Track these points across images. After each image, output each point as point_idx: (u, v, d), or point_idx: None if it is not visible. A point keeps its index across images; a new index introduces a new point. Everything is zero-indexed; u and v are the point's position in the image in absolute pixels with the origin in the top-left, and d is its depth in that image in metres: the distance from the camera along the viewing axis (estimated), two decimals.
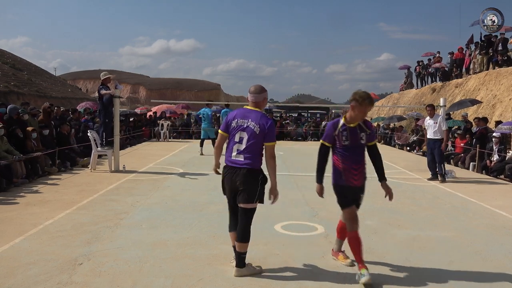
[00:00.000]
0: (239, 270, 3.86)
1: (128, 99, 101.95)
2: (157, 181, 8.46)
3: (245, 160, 3.78)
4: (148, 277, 3.76)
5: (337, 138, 3.89)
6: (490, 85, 18.26)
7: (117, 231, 5.09)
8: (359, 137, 3.87)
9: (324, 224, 5.57)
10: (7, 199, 6.67)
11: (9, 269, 3.87)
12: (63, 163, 9.79)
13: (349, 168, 3.88)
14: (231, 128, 3.86)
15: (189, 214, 5.97)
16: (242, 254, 3.88)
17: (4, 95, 34.31)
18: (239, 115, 3.86)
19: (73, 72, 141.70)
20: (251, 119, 3.79)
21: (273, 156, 3.82)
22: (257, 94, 3.88)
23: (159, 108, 23.31)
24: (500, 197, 7.70)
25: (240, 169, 3.78)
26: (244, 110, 3.89)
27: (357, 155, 3.89)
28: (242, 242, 3.84)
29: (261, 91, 3.89)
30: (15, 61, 53.02)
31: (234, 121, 3.85)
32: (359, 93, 3.80)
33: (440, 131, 9.17)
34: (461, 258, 4.45)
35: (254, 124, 3.76)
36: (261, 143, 3.80)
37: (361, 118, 3.85)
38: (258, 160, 3.84)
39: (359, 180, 3.92)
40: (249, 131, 3.77)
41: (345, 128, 3.87)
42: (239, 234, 3.85)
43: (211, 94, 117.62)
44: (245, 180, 3.77)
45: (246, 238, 3.85)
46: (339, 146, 3.90)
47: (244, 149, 3.78)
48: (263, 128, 3.75)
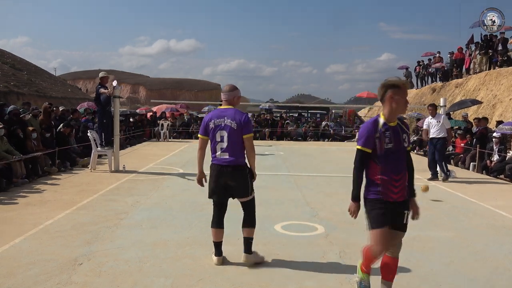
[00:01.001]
0: (248, 256, 4.12)
1: (128, 99, 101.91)
2: (157, 181, 8.46)
3: (230, 158, 3.97)
4: (148, 277, 3.76)
5: (379, 141, 3.12)
6: (490, 85, 18.26)
7: (117, 231, 5.09)
8: (401, 138, 3.18)
9: (324, 224, 5.57)
10: (7, 199, 6.67)
11: (9, 269, 3.87)
12: (63, 163, 9.79)
13: (389, 179, 3.13)
14: (210, 130, 4.02)
15: (189, 214, 5.96)
16: (250, 240, 4.14)
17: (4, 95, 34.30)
18: (214, 116, 4.02)
19: (73, 72, 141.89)
20: (226, 117, 3.95)
21: (252, 147, 4.03)
22: (229, 92, 4.05)
23: (159, 108, 23.29)
24: (500, 197, 7.70)
25: (227, 167, 3.98)
26: (218, 111, 4.06)
27: (400, 162, 3.17)
28: (251, 227, 4.14)
29: (232, 90, 4.07)
30: (15, 61, 53.01)
31: (211, 122, 4.01)
32: (391, 79, 3.17)
33: (443, 129, 9.20)
34: (461, 258, 4.45)
35: (230, 121, 3.94)
36: (241, 138, 3.96)
37: (402, 110, 3.17)
38: (241, 155, 4.02)
39: (400, 193, 3.17)
40: (227, 128, 3.94)
41: (387, 128, 3.14)
42: (247, 221, 4.15)
43: (211, 94, 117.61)
44: (234, 177, 4.00)
45: (254, 223, 4.18)
46: (379, 152, 3.12)
47: (227, 146, 3.96)
48: (240, 123, 3.92)
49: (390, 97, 3.11)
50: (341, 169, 10.80)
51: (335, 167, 11.22)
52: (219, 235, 4.18)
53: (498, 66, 18.67)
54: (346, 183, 8.50)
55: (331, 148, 16.78)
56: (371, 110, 34.39)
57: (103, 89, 9.45)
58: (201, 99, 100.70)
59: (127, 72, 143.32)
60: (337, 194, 7.53)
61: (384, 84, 3.15)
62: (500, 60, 18.70)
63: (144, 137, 18.67)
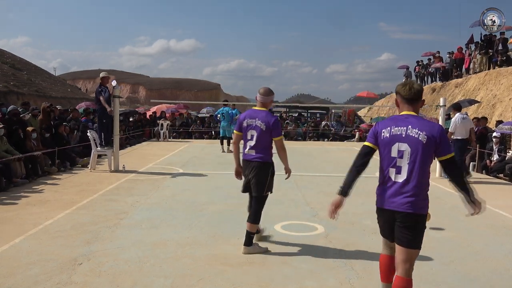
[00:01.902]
0: (246, 248, 4.38)
1: (128, 99, 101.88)
2: (157, 181, 8.45)
3: (256, 155, 4.37)
4: (148, 277, 3.76)
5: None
6: (490, 85, 18.27)
7: (117, 231, 5.09)
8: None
9: (324, 224, 5.57)
10: (7, 199, 6.67)
11: (9, 269, 3.87)
12: (63, 163, 9.78)
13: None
14: (243, 128, 4.44)
15: (189, 214, 5.96)
16: (251, 234, 4.40)
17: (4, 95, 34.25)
18: (248, 116, 4.43)
19: (73, 72, 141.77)
20: (258, 118, 4.35)
21: (283, 148, 4.41)
22: (265, 96, 4.43)
23: (158, 108, 23.26)
24: (500, 197, 7.70)
25: (252, 162, 4.39)
26: (252, 111, 4.46)
27: None
28: (252, 223, 4.38)
29: (269, 94, 4.45)
30: (14, 61, 52.96)
31: (244, 121, 4.42)
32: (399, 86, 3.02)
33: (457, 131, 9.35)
34: (461, 258, 4.45)
35: (260, 123, 4.32)
36: (269, 138, 4.34)
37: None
38: (267, 154, 4.38)
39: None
40: (257, 129, 4.34)
41: None
42: (250, 216, 4.41)
43: (211, 94, 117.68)
44: (256, 173, 4.37)
45: (256, 220, 4.39)
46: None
47: (254, 145, 4.36)
48: (268, 125, 4.30)
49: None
50: (341, 169, 10.79)
51: (335, 167, 11.22)
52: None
53: (498, 66, 18.67)
54: None
55: (331, 148, 16.78)
56: (371, 110, 34.41)
57: (102, 98, 9.42)
58: (201, 99, 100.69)
59: (127, 72, 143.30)
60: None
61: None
62: (500, 60, 18.71)
63: (144, 137, 18.66)
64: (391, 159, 2.92)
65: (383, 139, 2.95)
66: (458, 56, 22.42)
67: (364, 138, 19.97)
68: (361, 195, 7.42)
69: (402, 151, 2.86)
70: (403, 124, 2.88)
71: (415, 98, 2.94)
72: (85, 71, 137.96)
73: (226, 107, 14.17)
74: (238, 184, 4.77)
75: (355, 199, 7.17)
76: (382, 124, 3.00)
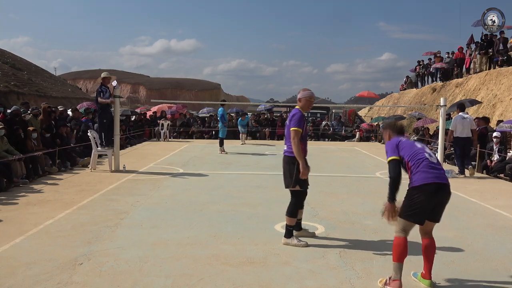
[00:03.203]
0: (283, 239, 4.66)
1: (128, 99, 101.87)
2: (157, 181, 8.46)
3: (286, 149, 4.68)
4: (148, 277, 3.77)
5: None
6: (491, 85, 18.26)
7: (117, 231, 5.09)
8: None
9: (324, 224, 5.57)
10: (7, 199, 6.68)
11: (10, 269, 3.87)
12: (63, 163, 9.79)
13: None
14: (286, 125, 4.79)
15: (189, 214, 5.97)
16: (288, 227, 4.65)
17: (4, 95, 34.28)
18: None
19: (73, 71, 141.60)
20: (289, 113, 4.76)
21: (294, 140, 4.50)
22: (298, 94, 4.76)
23: (159, 108, 23.25)
24: (500, 197, 7.70)
25: (283, 157, 4.70)
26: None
27: None
28: (287, 216, 4.64)
29: (299, 92, 4.76)
30: (15, 61, 52.96)
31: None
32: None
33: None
34: (461, 258, 4.45)
35: (289, 118, 4.65)
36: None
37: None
38: (291, 147, 4.54)
39: None
40: (286, 124, 4.68)
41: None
42: (287, 209, 4.66)
43: (212, 94, 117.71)
44: (283, 166, 4.66)
45: (291, 213, 4.62)
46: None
47: (285, 139, 4.73)
48: (290, 118, 4.61)
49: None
50: (341, 169, 10.81)
51: (335, 167, 11.22)
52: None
53: (499, 66, 18.66)
54: (346, 183, 8.56)
55: (331, 148, 16.77)
56: (371, 110, 34.40)
57: (102, 99, 9.47)
58: (201, 99, 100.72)
59: (127, 72, 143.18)
60: (337, 194, 7.53)
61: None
62: (500, 59, 18.70)
63: (144, 137, 18.67)
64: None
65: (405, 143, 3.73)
66: (458, 56, 22.41)
67: (364, 138, 20.00)
68: (361, 195, 7.43)
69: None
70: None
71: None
72: (86, 71, 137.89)
73: (221, 107, 14.18)
74: (238, 184, 4.78)
75: (356, 199, 7.18)
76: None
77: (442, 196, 3.57)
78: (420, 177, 3.51)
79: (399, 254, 3.55)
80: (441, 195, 3.55)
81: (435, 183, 3.47)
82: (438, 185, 3.49)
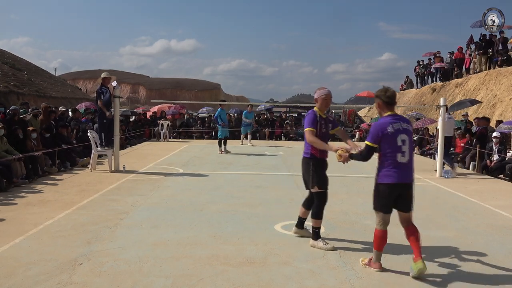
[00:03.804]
0: (311, 241, 4.63)
1: (128, 99, 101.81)
2: (157, 181, 8.46)
3: (304, 150, 4.67)
4: (148, 277, 3.76)
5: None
6: (490, 85, 18.26)
7: (117, 231, 5.09)
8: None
9: (324, 224, 5.55)
10: (7, 199, 6.67)
11: (9, 269, 3.87)
12: (63, 163, 9.79)
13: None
14: None
15: (189, 214, 5.97)
16: (315, 229, 4.63)
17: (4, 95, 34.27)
18: None
19: (73, 72, 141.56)
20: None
21: (309, 140, 4.53)
22: (315, 93, 4.72)
23: (159, 108, 23.24)
24: (500, 197, 7.70)
25: (301, 159, 4.71)
26: None
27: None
28: (313, 218, 4.63)
29: (316, 91, 4.71)
30: (15, 61, 52.95)
31: None
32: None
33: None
34: (461, 258, 4.45)
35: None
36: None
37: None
38: (307, 148, 4.61)
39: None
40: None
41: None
42: (312, 212, 4.65)
43: (211, 94, 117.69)
44: (302, 168, 4.68)
45: (316, 215, 4.60)
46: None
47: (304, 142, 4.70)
48: (304, 122, 4.64)
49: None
50: (341, 169, 10.79)
51: (335, 167, 11.19)
52: (301, 211, 4.90)
53: (498, 66, 18.66)
54: (346, 183, 8.54)
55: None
56: (371, 110, 34.39)
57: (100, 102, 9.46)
58: (201, 99, 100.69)
59: (127, 72, 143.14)
60: (337, 194, 7.52)
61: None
62: (500, 59, 18.70)
63: (144, 137, 18.67)
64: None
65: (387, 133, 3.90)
66: (458, 56, 22.42)
67: (364, 138, 19.98)
68: (361, 195, 7.42)
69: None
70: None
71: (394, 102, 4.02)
72: (86, 71, 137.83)
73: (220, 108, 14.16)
74: (238, 184, 4.78)
75: (356, 199, 7.18)
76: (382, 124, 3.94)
77: (402, 191, 3.94)
78: (383, 175, 3.92)
79: (378, 244, 3.99)
80: (401, 190, 3.93)
81: (393, 184, 3.87)
82: (398, 184, 3.89)
